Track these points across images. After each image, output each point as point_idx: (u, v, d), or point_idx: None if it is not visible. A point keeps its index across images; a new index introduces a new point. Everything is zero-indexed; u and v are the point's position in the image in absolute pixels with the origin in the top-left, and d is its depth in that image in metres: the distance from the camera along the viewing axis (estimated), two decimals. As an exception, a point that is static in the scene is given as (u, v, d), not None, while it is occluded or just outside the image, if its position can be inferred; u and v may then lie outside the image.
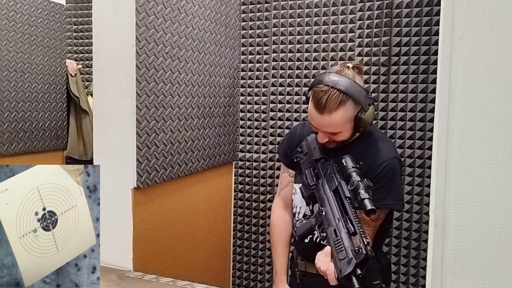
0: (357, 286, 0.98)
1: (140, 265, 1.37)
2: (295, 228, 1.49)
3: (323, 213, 1.19)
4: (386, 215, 1.34)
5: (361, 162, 1.24)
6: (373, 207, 1.09)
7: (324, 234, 1.17)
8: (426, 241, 1.81)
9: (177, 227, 1.60)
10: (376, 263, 1.30)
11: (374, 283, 1.30)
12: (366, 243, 1.02)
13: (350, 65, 1.31)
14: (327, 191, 1.22)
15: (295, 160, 1.44)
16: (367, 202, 1.10)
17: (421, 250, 1.86)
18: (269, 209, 2.10)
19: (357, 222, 1.09)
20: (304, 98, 2.00)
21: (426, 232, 1.76)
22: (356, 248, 1.02)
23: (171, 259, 1.57)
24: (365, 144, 1.36)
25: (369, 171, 1.28)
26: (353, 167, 1.19)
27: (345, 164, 1.21)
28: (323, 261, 1.09)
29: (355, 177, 1.16)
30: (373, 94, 1.82)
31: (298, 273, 1.49)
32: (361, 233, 1.06)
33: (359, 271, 1.00)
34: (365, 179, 1.16)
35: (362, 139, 1.37)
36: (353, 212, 1.11)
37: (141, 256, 1.39)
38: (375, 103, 1.36)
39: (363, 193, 1.12)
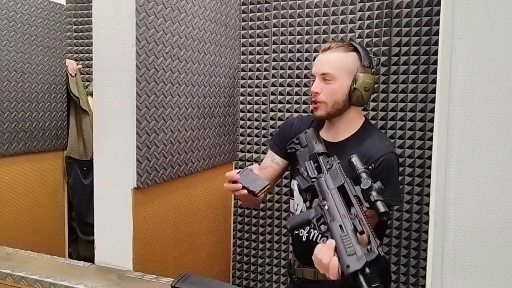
0: (365, 285, 0.94)
1: (140, 265, 1.37)
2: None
3: (326, 207, 1.14)
4: None
5: (372, 165, 1.24)
6: (386, 210, 1.05)
7: (323, 229, 1.13)
8: (426, 241, 1.81)
9: (177, 227, 1.60)
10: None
11: (372, 285, 1.29)
12: (378, 243, 0.98)
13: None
14: (331, 186, 1.18)
15: (289, 151, 1.43)
16: (380, 204, 1.05)
17: (421, 250, 1.86)
18: (269, 209, 2.11)
19: (368, 222, 1.04)
20: (304, 98, 2.00)
21: (426, 232, 1.76)
22: (368, 247, 0.98)
23: (171, 259, 1.57)
24: (362, 138, 1.37)
25: (366, 166, 1.25)
26: (363, 168, 1.15)
27: (355, 164, 1.17)
28: (325, 254, 1.03)
29: (367, 178, 1.12)
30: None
31: (296, 280, 1.47)
32: (372, 232, 1.01)
33: (368, 270, 0.95)
34: (378, 182, 1.10)
35: (359, 135, 1.38)
36: (362, 212, 1.07)
37: (141, 256, 1.39)
38: (377, 76, 1.38)
39: (375, 195, 1.07)
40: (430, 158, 1.77)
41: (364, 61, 1.33)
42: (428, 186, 1.72)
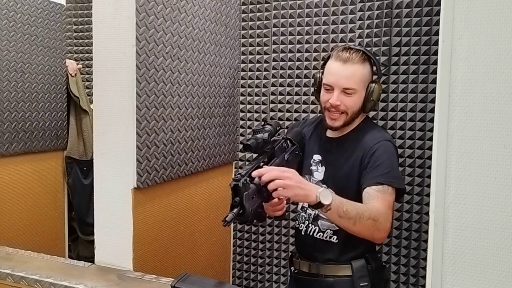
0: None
1: (140, 265, 1.37)
2: None
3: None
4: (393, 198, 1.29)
5: (369, 152, 1.33)
6: (248, 144, 1.21)
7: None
8: (426, 241, 1.81)
9: (177, 227, 1.60)
10: (363, 264, 1.32)
11: (361, 284, 1.33)
12: (244, 174, 1.12)
13: None
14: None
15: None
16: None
17: (421, 250, 1.86)
18: (269, 209, 2.10)
19: (254, 167, 1.18)
20: (304, 98, 2.00)
21: (426, 232, 1.76)
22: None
23: (171, 259, 1.57)
24: (362, 132, 1.40)
25: (364, 155, 1.32)
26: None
27: None
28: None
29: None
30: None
31: (293, 271, 1.51)
32: (250, 168, 1.17)
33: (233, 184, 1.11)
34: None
35: (359, 129, 1.41)
36: (262, 162, 1.24)
37: (141, 256, 1.39)
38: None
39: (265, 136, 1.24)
40: (430, 158, 1.77)
41: (377, 71, 1.37)
42: (428, 186, 1.72)
